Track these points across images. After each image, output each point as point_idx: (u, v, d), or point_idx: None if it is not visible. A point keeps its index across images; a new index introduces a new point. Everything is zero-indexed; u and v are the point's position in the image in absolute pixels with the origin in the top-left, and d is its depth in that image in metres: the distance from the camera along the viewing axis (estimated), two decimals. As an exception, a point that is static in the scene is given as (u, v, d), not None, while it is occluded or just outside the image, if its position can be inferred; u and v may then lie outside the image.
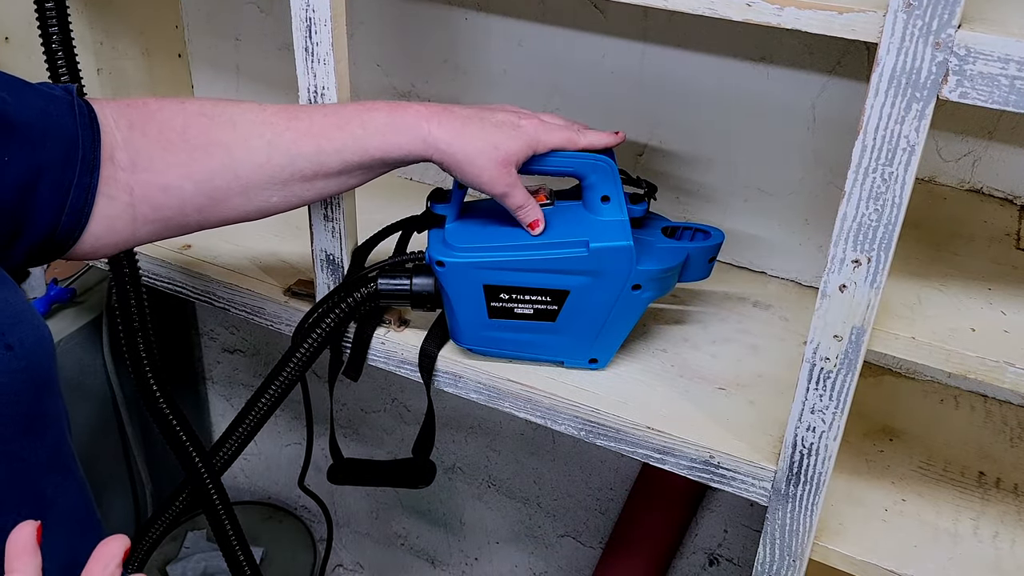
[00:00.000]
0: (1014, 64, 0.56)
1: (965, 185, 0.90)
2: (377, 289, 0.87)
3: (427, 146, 0.76)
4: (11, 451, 0.57)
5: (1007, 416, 0.94)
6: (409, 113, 0.76)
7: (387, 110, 0.76)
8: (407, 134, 0.75)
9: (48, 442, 0.61)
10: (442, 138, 0.75)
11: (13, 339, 0.58)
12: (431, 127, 0.75)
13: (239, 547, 1.08)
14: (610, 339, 0.86)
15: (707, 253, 0.89)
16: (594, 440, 0.86)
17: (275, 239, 1.09)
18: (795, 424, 0.74)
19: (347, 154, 0.75)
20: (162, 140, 0.72)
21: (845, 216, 0.65)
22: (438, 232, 0.85)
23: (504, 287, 0.83)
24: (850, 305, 0.68)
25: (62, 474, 0.62)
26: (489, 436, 1.45)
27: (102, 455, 1.51)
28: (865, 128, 0.62)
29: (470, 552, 1.62)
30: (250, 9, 1.20)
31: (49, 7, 0.87)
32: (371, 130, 0.75)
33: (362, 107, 0.77)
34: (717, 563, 1.35)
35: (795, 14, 0.62)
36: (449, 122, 0.76)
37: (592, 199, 0.82)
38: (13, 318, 0.59)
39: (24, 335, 0.59)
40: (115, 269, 0.96)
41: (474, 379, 0.89)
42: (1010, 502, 0.84)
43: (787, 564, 0.81)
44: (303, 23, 0.79)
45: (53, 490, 0.61)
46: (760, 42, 0.91)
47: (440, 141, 0.75)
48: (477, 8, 1.04)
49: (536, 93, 1.06)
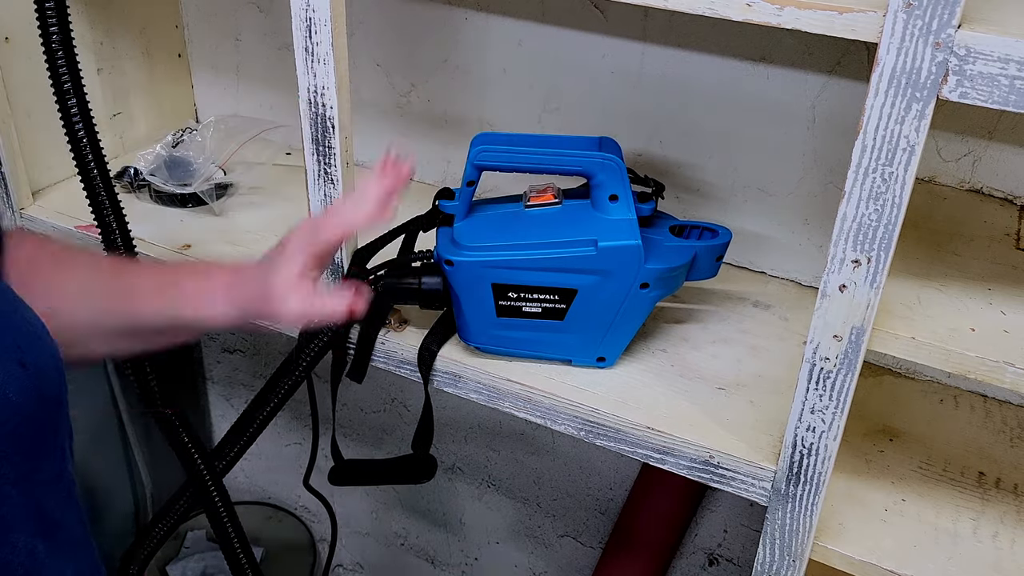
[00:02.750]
0: (1014, 64, 0.56)
1: (965, 185, 0.90)
2: (385, 288, 0.87)
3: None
4: (22, 472, 0.56)
5: (1007, 416, 0.94)
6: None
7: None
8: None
9: (56, 462, 0.60)
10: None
11: (29, 358, 0.57)
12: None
13: (240, 547, 1.08)
14: (618, 337, 0.86)
15: (714, 252, 0.89)
16: (594, 440, 0.86)
17: (275, 239, 1.09)
18: (795, 424, 0.74)
19: (162, 319, 0.76)
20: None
21: (845, 216, 0.65)
22: (447, 231, 0.85)
23: (513, 286, 0.83)
24: (850, 305, 0.68)
25: (66, 493, 0.62)
26: (489, 436, 1.45)
27: (102, 455, 1.51)
28: (865, 128, 0.62)
29: (470, 552, 1.63)
30: (250, 9, 1.20)
31: (49, 7, 0.86)
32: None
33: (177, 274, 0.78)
34: (717, 563, 1.35)
35: (795, 14, 0.62)
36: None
37: (600, 198, 0.82)
38: (29, 335, 0.59)
39: (39, 354, 0.59)
40: (115, 269, 0.96)
41: (474, 379, 0.89)
42: (1010, 502, 0.84)
43: (787, 564, 0.81)
44: (303, 23, 0.79)
45: (59, 511, 0.61)
46: (760, 42, 0.91)
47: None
48: (477, 8, 1.04)
49: (536, 93, 1.06)
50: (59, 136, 0.91)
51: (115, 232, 0.94)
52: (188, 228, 1.11)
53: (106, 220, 0.94)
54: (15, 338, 0.57)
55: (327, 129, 0.83)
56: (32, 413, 0.57)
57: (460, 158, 1.09)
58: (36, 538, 0.57)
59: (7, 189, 1.11)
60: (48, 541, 0.59)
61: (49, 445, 0.60)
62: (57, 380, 0.61)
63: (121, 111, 1.24)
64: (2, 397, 0.54)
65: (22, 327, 0.59)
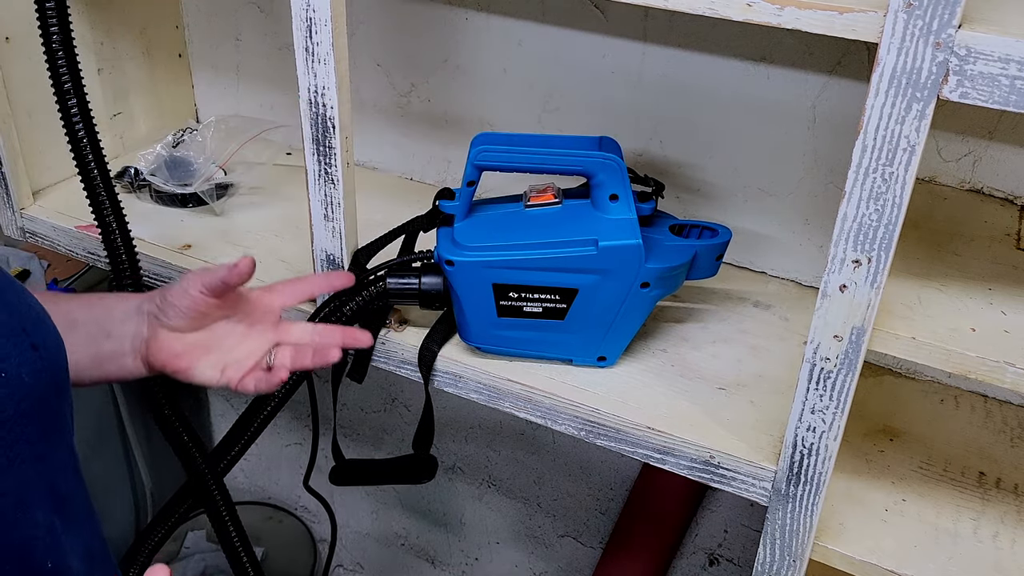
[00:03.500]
0: (1014, 64, 0.56)
1: (965, 185, 0.90)
2: (386, 288, 0.87)
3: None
4: (37, 452, 0.58)
5: (1007, 416, 0.93)
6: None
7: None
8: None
9: (65, 441, 0.62)
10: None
11: (38, 339, 0.59)
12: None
13: (241, 547, 1.08)
14: (618, 337, 0.86)
15: (715, 251, 0.89)
16: (594, 440, 0.86)
17: (275, 239, 1.09)
18: (795, 424, 0.74)
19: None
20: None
21: (845, 216, 0.65)
22: (447, 231, 0.85)
23: (513, 286, 0.83)
24: (850, 305, 0.68)
25: (73, 468, 0.64)
26: (489, 436, 1.45)
27: (102, 455, 1.51)
28: (865, 128, 0.62)
29: (470, 552, 1.63)
30: (250, 9, 1.20)
31: (49, 7, 0.86)
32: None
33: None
34: (717, 563, 1.35)
35: (795, 14, 0.61)
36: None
37: (600, 197, 0.82)
38: (35, 319, 0.61)
39: (46, 336, 0.61)
40: (115, 269, 0.96)
41: (474, 379, 0.89)
42: (1010, 502, 0.84)
43: (787, 564, 0.81)
44: (303, 23, 0.79)
45: (68, 487, 0.62)
46: (760, 42, 0.91)
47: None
48: (477, 8, 1.04)
49: (536, 93, 1.06)
50: (59, 136, 0.91)
51: (115, 232, 0.94)
52: (188, 228, 1.11)
53: (106, 220, 0.94)
54: (23, 322, 0.59)
55: (327, 129, 0.83)
56: (44, 393, 0.59)
57: (460, 158, 1.09)
58: (53, 514, 0.59)
59: (7, 189, 1.11)
60: (62, 516, 0.60)
61: (59, 423, 0.61)
62: (62, 361, 0.63)
63: (121, 111, 1.24)
64: (17, 379, 0.56)
65: (29, 312, 0.61)
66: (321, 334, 0.83)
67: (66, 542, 0.60)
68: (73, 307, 0.80)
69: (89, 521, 0.65)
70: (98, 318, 0.80)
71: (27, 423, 0.57)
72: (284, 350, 0.82)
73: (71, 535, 0.61)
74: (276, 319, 0.83)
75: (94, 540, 0.65)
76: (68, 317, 0.78)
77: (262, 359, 0.81)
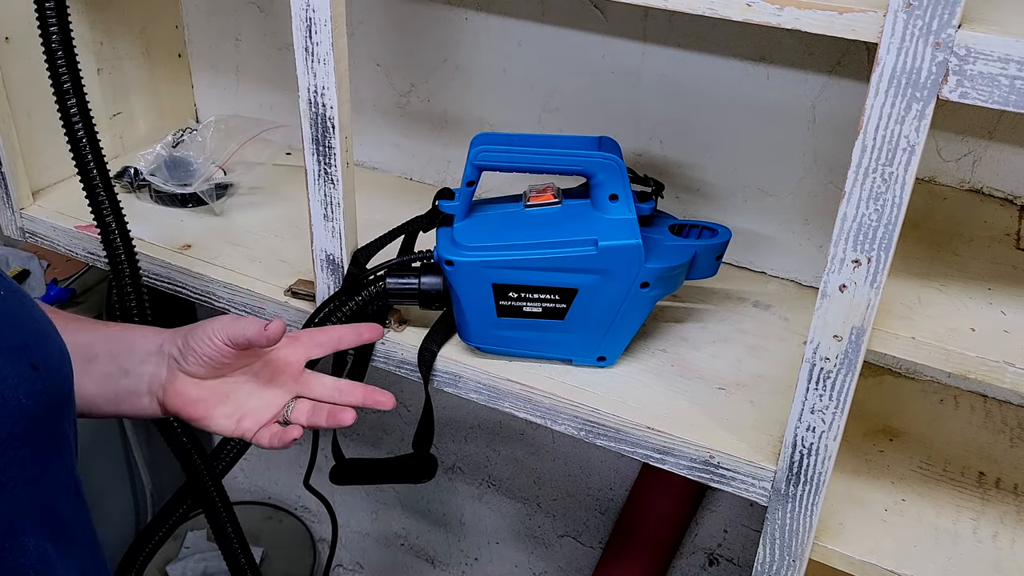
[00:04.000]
0: (1014, 64, 0.56)
1: (965, 185, 0.90)
2: (386, 288, 0.87)
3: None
4: (32, 474, 0.56)
5: (1007, 416, 0.93)
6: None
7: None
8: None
9: (65, 463, 0.60)
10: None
11: (39, 357, 0.57)
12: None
13: (239, 548, 1.08)
14: (618, 337, 0.86)
15: (714, 251, 0.89)
16: (594, 440, 0.86)
17: (275, 239, 1.09)
18: (795, 424, 0.74)
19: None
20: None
21: (845, 216, 0.65)
22: (447, 231, 0.85)
23: (513, 286, 0.83)
24: (850, 305, 0.68)
25: (75, 492, 0.62)
26: (489, 436, 1.45)
27: (102, 455, 1.51)
28: (865, 128, 0.62)
29: (470, 552, 1.63)
30: (250, 9, 1.20)
31: (49, 7, 0.86)
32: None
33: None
34: (717, 563, 1.35)
35: (795, 14, 0.61)
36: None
37: (600, 197, 0.82)
38: (39, 333, 0.59)
39: (49, 352, 0.58)
40: (115, 269, 0.96)
41: (474, 379, 0.89)
42: (1010, 502, 0.84)
43: (787, 564, 0.81)
44: (303, 23, 0.79)
45: (68, 511, 0.60)
46: (760, 42, 0.91)
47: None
48: (477, 8, 1.04)
49: (536, 93, 1.06)
50: (59, 136, 0.91)
51: (115, 232, 0.94)
52: (188, 228, 1.11)
53: (106, 220, 0.94)
54: (24, 338, 0.57)
55: (327, 129, 0.83)
56: (43, 415, 0.57)
57: (460, 158, 1.09)
58: (46, 540, 0.57)
59: (7, 189, 1.11)
60: (58, 543, 0.58)
61: (58, 445, 0.59)
62: (66, 379, 0.60)
63: (121, 111, 1.24)
64: (14, 401, 0.54)
65: (31, 326, 0.59)
66: (342, 391, 0.83)
67: (60, 570, 0.58)
68: (94, 340, 0.79)
69: (88, 547, 0.63)
70: (117, 355, 0.79)
71: (20, 446, 0.54)
72: (301, 405, 0.82)
73: (67, 563, 0.59)
74: (299, 372, 0.83)
75: (93, 567, 0.63)
76: (88, 351, 0.77)
77: (279, 412, 0.81)
